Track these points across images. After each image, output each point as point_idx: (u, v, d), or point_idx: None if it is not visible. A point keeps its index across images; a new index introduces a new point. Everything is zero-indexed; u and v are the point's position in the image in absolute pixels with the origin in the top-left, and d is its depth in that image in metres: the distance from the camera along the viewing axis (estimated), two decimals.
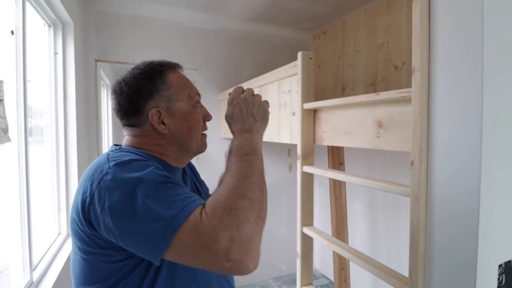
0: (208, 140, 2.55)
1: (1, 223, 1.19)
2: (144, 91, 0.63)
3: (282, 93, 1.41)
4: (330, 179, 1.79)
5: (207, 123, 0.74)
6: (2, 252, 1.20)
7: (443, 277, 0.67)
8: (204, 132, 0.73)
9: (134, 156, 0.57)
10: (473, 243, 0.60)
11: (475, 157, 0.60)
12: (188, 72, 4.26)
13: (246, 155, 0.60)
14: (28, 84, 1.24)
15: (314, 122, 1.18)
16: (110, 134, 4.08)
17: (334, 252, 1.80)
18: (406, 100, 0.78)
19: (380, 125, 0.89)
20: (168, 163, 0.67)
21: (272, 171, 2.67)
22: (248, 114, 0.66)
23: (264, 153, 2.34)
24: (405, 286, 0.74)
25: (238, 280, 2.58)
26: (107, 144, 3.78)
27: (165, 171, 0.57)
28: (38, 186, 1.51)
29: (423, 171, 0.71)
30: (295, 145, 2.71)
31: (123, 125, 0.68)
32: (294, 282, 2.63)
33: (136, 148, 0.65)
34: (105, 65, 3.41)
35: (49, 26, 1.61)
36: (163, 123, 0.64)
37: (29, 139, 1.23)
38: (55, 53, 1.65)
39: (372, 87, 2.00)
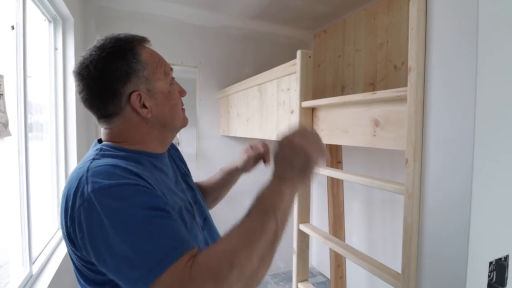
0: (207, 137, 2.57)
1: (1, 218, 1.20)
2: (119, 74, 0.57)
3: (281, 91, 1.41)
4: (328, 178, 1.80)
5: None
6: (2, 247, 1.21)
7: (434, 274, 0.68)
8: (183, 107, 0.69)
9: (116, 172, 0.50)
10: (464, 240, 0.61)
11: (467, 156, 0.61)
12: (188, 69, 4.24)
13: (265, 214, 0.52)
14: (28, 80, 1.25)
15: (312, 121, 1.19)
16: None
17: (330, 250, 1.81)
18: (402, 99, 0.79)
19: (376, 123, 0.90)
20: (154, 153, 0.63)
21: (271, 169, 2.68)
22: (287, 159, 0.59)
23: None
24: (398, 282, 0.76)
25: None
26: None
27: (154, 177, 0.55)
28: (38, 182, 1.52)
29: (417, 170, 0.72)
30: None
31: (99, 117, 0.62)
32: (291, 279, 2.65)
33: (117, 147, 0.60)
34: None
35: (50, 21, 1.61)
36: (145, 107, 0.59)
37: (29, 135, 1.23)
38: (55, 49, 1.65)
39: (372, 87, 2.01)
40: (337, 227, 1.78)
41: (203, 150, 2.42)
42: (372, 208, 2.14)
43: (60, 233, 1.61)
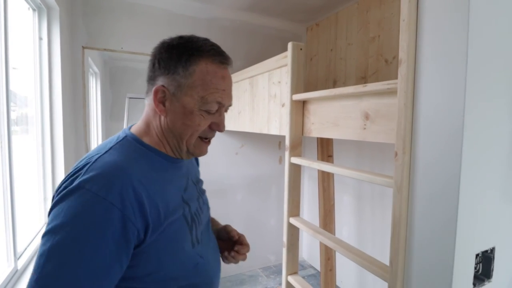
0: None
1: None
2: (164, 64, 0.59)
3: (272, 84, 1.40)
4: (318, 171, 1.80)
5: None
6: None
7: (422, 266, 0.69)
8: (207, 137, 0.64)
9: (112, 187, 0.49)
10: (452, 233, 0.62)
11: (456, 149, 0.61)
12: None
13: None
14: (14, 72, 1.20)
15: (303, 114, 1.18)
16: (99, 123, 4.01)
17: (320, 243, 1.83)
18: (392, 92, 0.78)
19: (366, 117, 0.89)
20: (169, 156, 0.63)
21: (262, 163, 2.68)
22: None
23: (255, 145, 2.39)
24: (386, 274, 0.76)
25: (226, 270, 2.61)
26: (95, 134, 3.72)
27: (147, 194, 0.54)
28: (23, 176, 1.48)
29: (406, 163, 0.72)
30: (285, 138, 2.72)
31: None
32: (281, 272, 2.67)
33: (140, 140, 0.61)
34: (93, 53, 3.32)
35: (34, 10, 1.55)
36: (163, 105, 0.60)
37: (16, 128, 1.19)
38: (40, 39, 1.59)
39: (363, 81, 2.01)
40: (327, 220, 1.79)
41: None
42: (362, 202, 2.16)
43: None
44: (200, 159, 2.51)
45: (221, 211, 2.54)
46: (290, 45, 1.16)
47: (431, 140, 0.66)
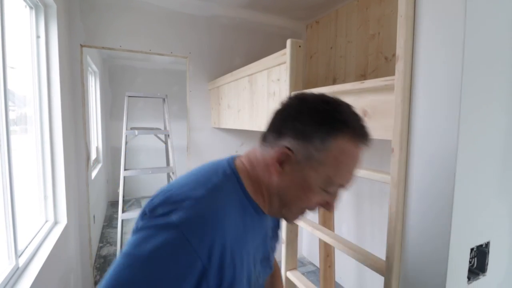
0: (198, 129, 2.54)
1: None
2: (299, 127, 0.51)
3: (271, 82, 1.40)
4: None
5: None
6: None
7: (417, 260, 0.69)
8: (306, 209, 0.58)
9: (205, 230, 0.47)
10: (447, 227, 0.62)
11: (452, 145, 0.61)
12: (178, 60, 4.18)
13: None
14: (12, 71, 1.20)
15: None
16: (99, 122, 4.01)
17: (320, 240, 1.83)
18: (390, 89, 0.78)
19: (364, 113, 0.90)
20: (259, 207, 0.58)
21: None
22: None
23: (254, 143, 2.38)
24: (382, 268, 0.77)
25: None
26: (95, 133, 3.72)
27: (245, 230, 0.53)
28: (23, 175, 1.49)
29: (403, 159, 0.72)
30: None
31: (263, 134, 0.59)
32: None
33: (241, 182, 0.56)
34: (92, 51, 3.32)
35: (31, 8, 1.55)
36: (281, 167, 0.53)
37: (16, 128, 1.20)
38: (38, 37, 1.60)
39: (363, 79, 2.01)
40: (326, 218, 1.79)
41: (194, 143, 2.40)
42: (361, 199, 2.17)
43: (47, 226, 1.59)
44: (200, 157, 2.52)
45: None
46: (289, 42, 1.16)
47: (427, 136, 0.67)
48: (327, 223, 1.78)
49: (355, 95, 0.93)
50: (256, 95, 1.57)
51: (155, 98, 4.72)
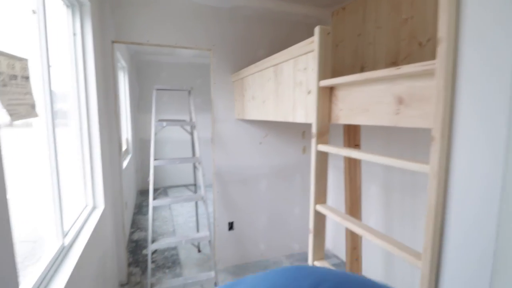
0: (222, 121, 2.56)
1: (36, 197, 1.27)
2: None
3: (297, 71, 1.38)
4: (345, 160, 1.77)
5: None
6: (35, 224, 1.31)
7: (459, 253, 0.66)
8: None
9: None
10: (493, 221, 0.59)
11: (500, 133, 0.57)
12: (202, 53, 4.22)
13: None
14: (51, 70, 1.28)
15: (330, 100, 1.16)
16: (128, 115, 4.18)
17: (347, 231, 1.81)
18: (429, 74, 0.74)
19: (400, 101, 0.86)
20: None
21: (286, 153, 2.67)
22: None
23: (278, 134, 2.39)
24: (418, 261, 0.74)
25: (251, 256, 2.66)
26: (125, 126, 3.89)
27: None
28: (66, 165, 1.60)
29: (444, 148, 0.69)
30: (309, 127, 2.68)
31: None
32: (305, 260, 2.69)
33: None
34: (121, 47, 3.44)
35: (68, 6, 1.63)
36: None
37: (56, 122, 1.28)
38: (74, 34, 1.68)
39: (394, 66, 1.92)
40: (353, 210, 1.76)
41: (219, 134, 2.43)
42: (391, 192, 2.10)
43: (87, 210, 1.70)
44: (225, 148, 2.56)
45: (245, 200, 2.59)
46: (317, 29, 1.13)
47: (474, 123, 0.63)
48: (354, 215, 1.75)
49: (389, 82, 0.90)
50: (282, 86, 1.55)
51: (180, 92, 4.83)
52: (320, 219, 1.22)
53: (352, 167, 1.75)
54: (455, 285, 0.68)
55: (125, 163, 3.29)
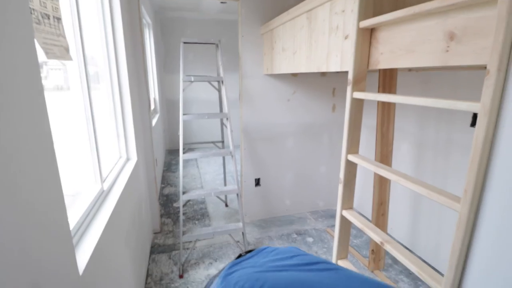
0: (249, 77, 2.52)
1: (75, 150, 1.38)
2: None
3: (334, 14, 1.28)
4: (377, 114, 1.70)
5: None
6: (75, 179, 1.40)
7: (500, 196, 0.64)
8: None
9: None
10: None
11: None
12: (226, 9, 4.03)
13: None
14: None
15: (370, 44, 1.08)
16: (155, 74, 4.23)
17: (374, 185, 1.80)
18: (489, 2, 0.66)
19: (451, 37, 0.78)
20: None
21: (315, 111, 2.62)
22: None
23: (307, 92, 2.31)
24: (456, 203, 0.73)
25: (276, 211, 2.77)
26: (152, 85, 3.96)
27: None
28: (101, 121, 1.69)
29: (500, 82, 0.63)
30: (341, 84, 2.57)
31: None
32: (330, 216, 2.76)
33: None
34: (145, 3, 3.36)
35: None
36: None
37: (92, 85, 1.34)
38: None
39: None
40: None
41: (246, 91, 2.41)
42: (423, 150, 2.03)
43: (121, 161, 1.82)
44: (252, 105, 2.54)
45: (272, 157, 2.63)
46: None
47: None
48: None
49: (440, 16, 0.81)
50: (316, 33, 1.47)
51: (206, 50, 4.76)
52: (351, 169, 1.21)
53: (386, 122, 1.68)
54: (494, 227, 0.67)
55: (154, 121, 3.41)
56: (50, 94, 0.69)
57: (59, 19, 0.99)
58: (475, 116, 1.60)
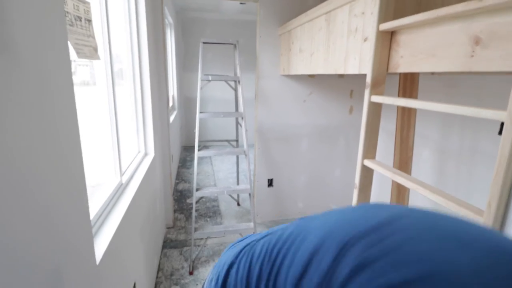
0: (266, 77, 2.52)
1: (98, 142, 1.43)
2: None
3: (353, 16, 1.26)
4: (397, 119, 1.65)
5: None
6: (95, 171, 1.45)
7: None
8: None
9: None
10: None
11: None
12: (245, 9, 4.05)
13: None
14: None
15: (390, 47, 1.06)
16: (174, 72, 4.32)
17: (392, 192, 1.75)
18: None
19: (476, 41, 0.75)
20: None
21: (331, 112, 2.58)
22: None
23: (324, 93, 2.29)
24: (479, 217, 0.70)
25: (288, 212, 2.76)
26: (172, 83, 4.05)
27: None
28: (123, 117, 1.75)
29: None
30: (359, 86, 2.52)
31: None
32: None
33: None
34: (167, 3, 3.44)
35: None
36: None
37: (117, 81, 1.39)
38: None
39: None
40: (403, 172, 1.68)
41: (262, 91, 2.41)
42: (446, 158, 1.95)
43: (140, 156, 1.87)
44: (268, 105, 2.54)
45: (286, 158, 2.61)
46: None
47: None
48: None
49: (465, 19, 0.78)
50: (334, 35, 1.45)
51: (224, 50, 4.80)
52: (367, 174, 1.19)
53: (406, 127, 1.63)
54: None
55: (171, 118, 3.48)
56: (77, 89, 0.74)
57: (89, 21, 1.03)
58: (503, 122, 1.52)
